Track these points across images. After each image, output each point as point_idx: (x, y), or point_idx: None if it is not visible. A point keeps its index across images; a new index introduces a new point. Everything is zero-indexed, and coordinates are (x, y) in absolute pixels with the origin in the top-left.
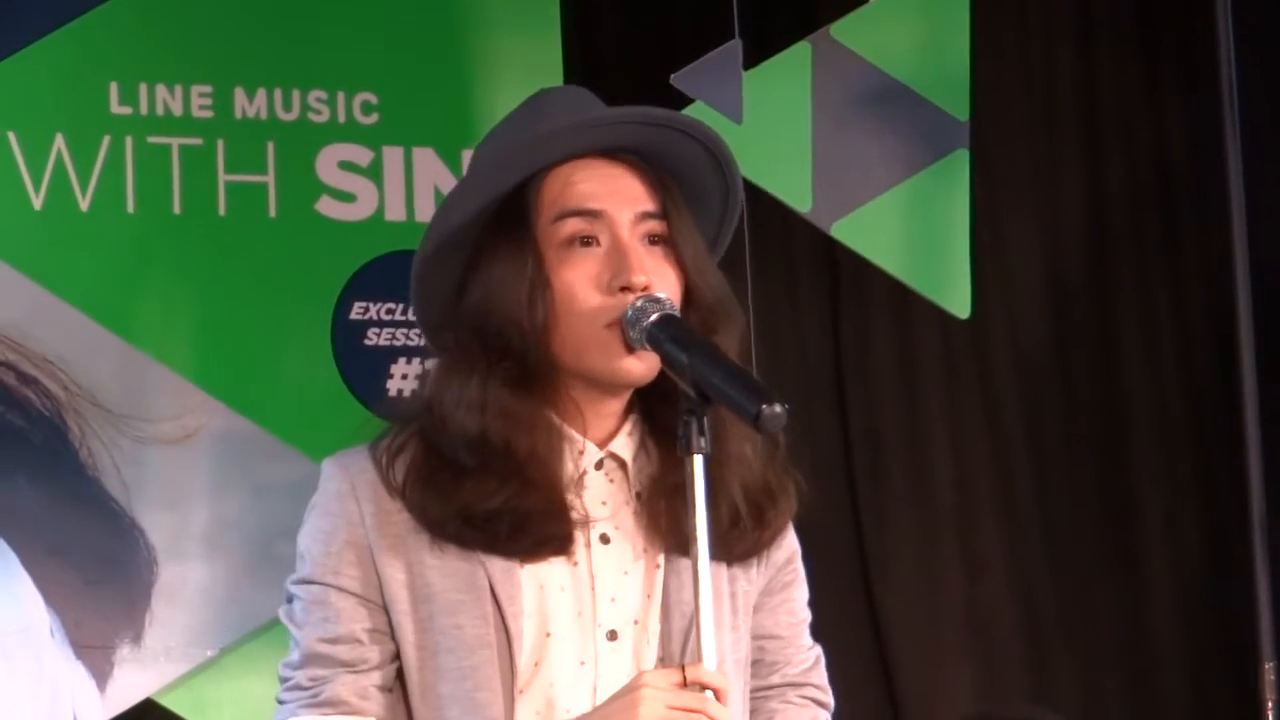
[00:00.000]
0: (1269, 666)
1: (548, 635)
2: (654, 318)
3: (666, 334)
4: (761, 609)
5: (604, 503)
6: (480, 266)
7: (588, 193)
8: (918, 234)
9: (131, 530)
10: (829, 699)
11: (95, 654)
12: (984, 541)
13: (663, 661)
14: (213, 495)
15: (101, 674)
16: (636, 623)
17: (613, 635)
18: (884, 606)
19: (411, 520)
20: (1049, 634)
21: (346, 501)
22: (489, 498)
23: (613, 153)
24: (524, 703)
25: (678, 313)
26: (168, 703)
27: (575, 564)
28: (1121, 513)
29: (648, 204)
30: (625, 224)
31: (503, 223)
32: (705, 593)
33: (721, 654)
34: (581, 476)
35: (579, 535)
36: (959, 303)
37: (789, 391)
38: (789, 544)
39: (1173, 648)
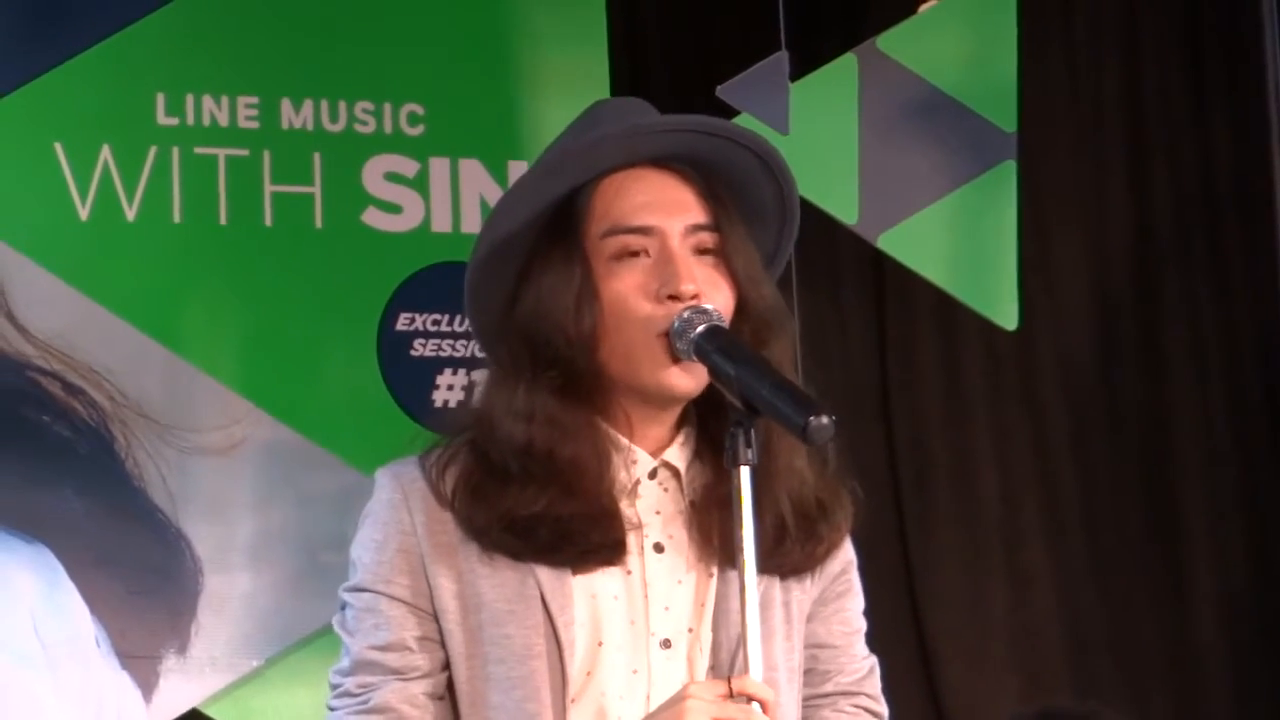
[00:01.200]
0: None
1: (600, 644)
2: (701, 329)
3: (713, 345)
4: (815, 618)
5: (657, 512)
6: (531, 275)
7: (639, 206)
8: (964, 246)
9: (177, 540)
10: (883, 709)
11: (141, 664)
12: (1029, 554)
13: (714, 670)
14: (258, 505)
15: (147, 684)
16: (690, 631)
17: (666, 644)
18: (929, 618)
19: (460, 530)
20: (1094, 648)
21: (399, 510)
22: (530, 504)
23: (665, 162)
24: (576, 712)
25: (725, 324)
26: (213, 713)
27: (629, 572)
28: (1166, 527)
29: (699, 216)
30: (676, 235)
31: (554, 231)
32: (752, 605)
33: (773, 664)
34: (635, 485)
35: (632, 544)
36: (1006, 315)
37: (834, 403)
38: (844, 554)
39: (1218, 662)
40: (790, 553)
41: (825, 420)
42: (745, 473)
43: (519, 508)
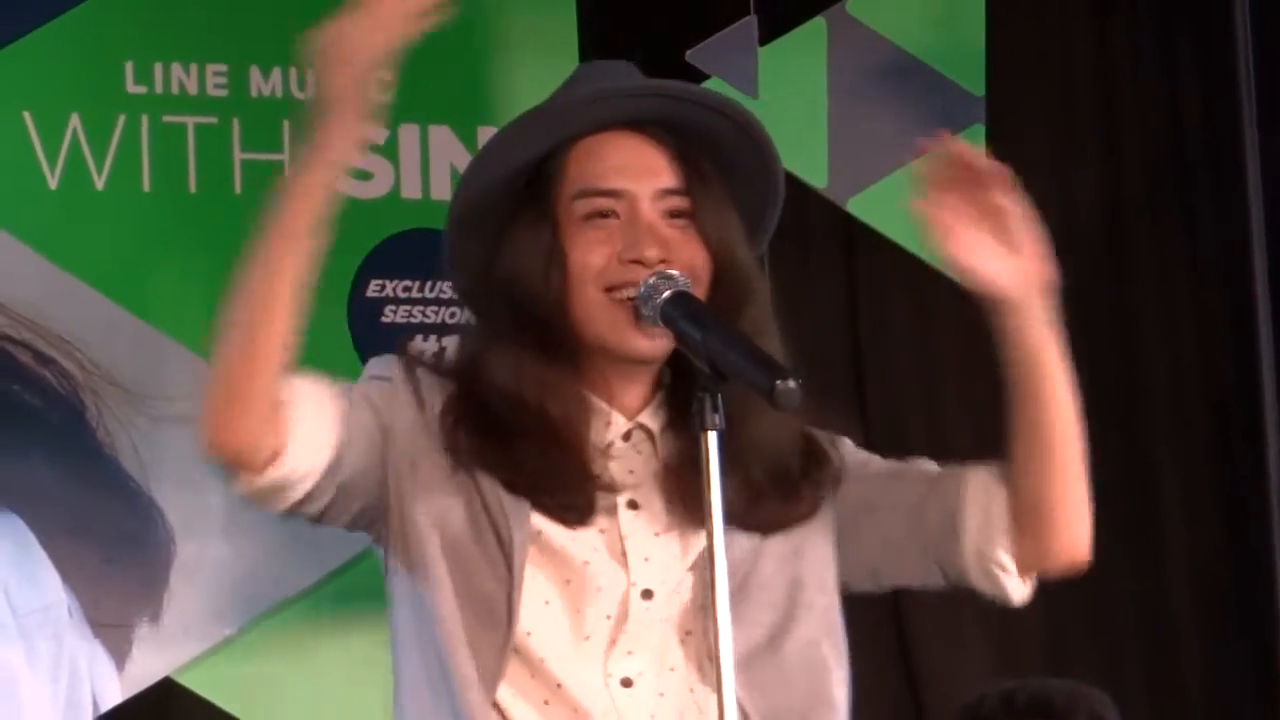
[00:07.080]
0: None
1: (546, 603)
2: (666, 294)
3: (679, 310)
4: (868, 507)
5: (631, 472)
6: (508, 236)
7: (609, 169)
8: None
9: (149, 509)
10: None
11: (113, 633)
12: None
13: (704, 610)
14: None
15: (120, 653)
16: (663, 583)
17: (648, 594)
18: (904, 591)
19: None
20: (1068, 609)
21: (409, 381)
22: (520, 453)
23: (639, 125)
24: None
25: (690, 289)
26: (186, 681)
27: (603, 531)
28: (1139, 487)
29: (670, 180)
30: (645, 199)
31: (528, 192)
32: (720, 568)
33: (754, 619)
34: (609, 446)
35: (604, 502)
36: None
37: (806, 369)
38: (843, 456)
39: (1191, 622)
40: (770, 510)
41: (792, 384)
42: (713, 438)
43: (511, 453)
